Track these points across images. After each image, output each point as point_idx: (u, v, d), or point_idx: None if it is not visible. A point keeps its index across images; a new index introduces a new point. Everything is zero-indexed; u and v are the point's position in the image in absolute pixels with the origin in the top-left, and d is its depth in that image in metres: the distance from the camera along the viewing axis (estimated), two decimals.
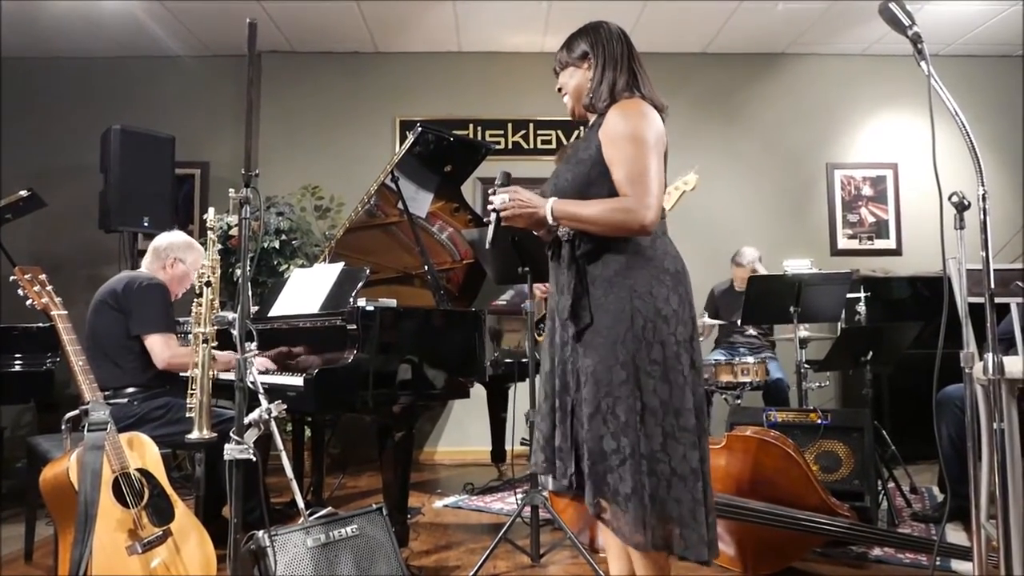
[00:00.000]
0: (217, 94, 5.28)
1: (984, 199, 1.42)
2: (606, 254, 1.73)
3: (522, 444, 3.74)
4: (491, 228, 1.82)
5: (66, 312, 2.14)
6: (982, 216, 1.44)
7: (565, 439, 1.73)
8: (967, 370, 1.66)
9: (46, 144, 5.19)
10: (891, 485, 3.38)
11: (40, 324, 3.46)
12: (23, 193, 4.05)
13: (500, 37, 5.16)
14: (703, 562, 1.64)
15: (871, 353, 3.25)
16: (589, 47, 1.82)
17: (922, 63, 1.54)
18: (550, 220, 1.72)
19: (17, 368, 3.50)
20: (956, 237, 1.67)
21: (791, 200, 5.33)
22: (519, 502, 2.72)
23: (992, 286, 1.43)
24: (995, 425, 1.47)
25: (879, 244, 5.31)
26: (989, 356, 1.48)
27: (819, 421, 3.03)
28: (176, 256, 2.93)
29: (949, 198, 1.67)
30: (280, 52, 5.27)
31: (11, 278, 2.12)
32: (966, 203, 1.65)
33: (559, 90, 1.91)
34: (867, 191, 5.34)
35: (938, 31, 4.94)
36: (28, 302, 2.11)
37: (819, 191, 5.37)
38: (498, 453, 4.22)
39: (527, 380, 2.73)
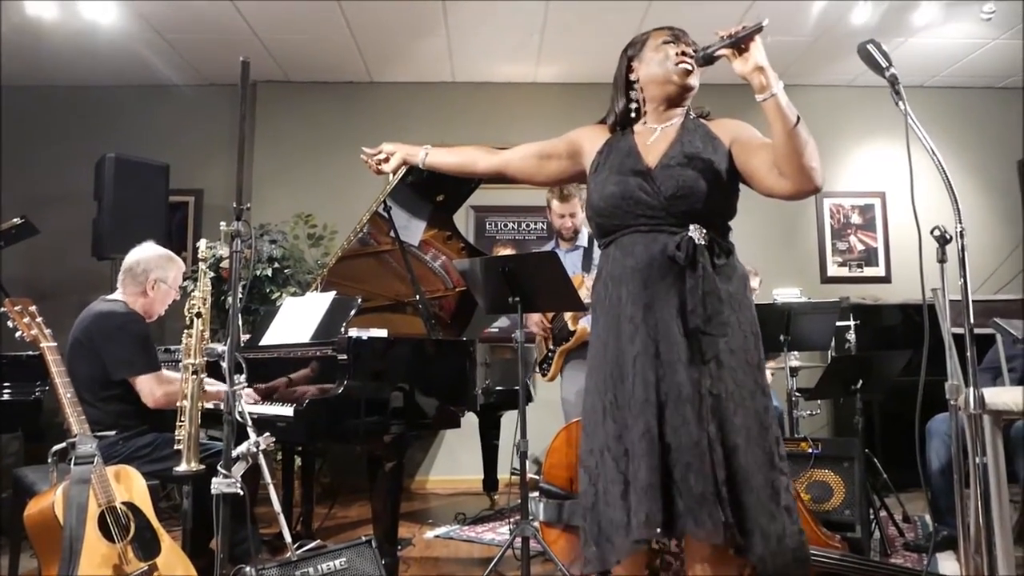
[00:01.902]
0: (212, 122, 5.32)
1: (962, 236, 1.45)
2: (734, 269, 1.66)
3: (512, 474, 3.72)
4: (723, 43, 1.58)
5: (55, 344, 2.14)
6: (960, 254, 1.47)
7: (707, 482, 1.46)
8: (952, 401, 1.68)
9: (41, 172, 5.21)
10: (883, 514, 3.37)
11: (29, 352, 3.44)
12: (16, 220, 4.06)
13: (493, 67, 5.23)
14: None
15: (861, 381, 3.25)
16: None
17: (899, 103, 1.58)
18: (774, 86, 1.51)
19: (6, 397, 3.47)
20: (938, 270, 1.70)
21: (781, 228, 5.37)
22: (511, 533, 2.70)
23: (972, 321, 1.45)
24: (977, 459, 1.48)
25: (868, 272, 5.36)
26: (971, 391, 1.49)
27: (810, 450, 3.03)
28: (156, 277, 2.73)
29: (931, 232, 1.70)
30: (275, 82, 5.33)
31: (0, 310, 2.12)
32: (947, 237, 1.68)
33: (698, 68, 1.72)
34: (856, 219, 5.40)
35: (923, 63, 5.04)
36: (17, 334, 2.11)
37: (808, 219, 5.42)
38: (490, 482, 4.20)
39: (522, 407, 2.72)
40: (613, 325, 1.64)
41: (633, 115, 1.79)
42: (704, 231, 1.61)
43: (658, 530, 1.47)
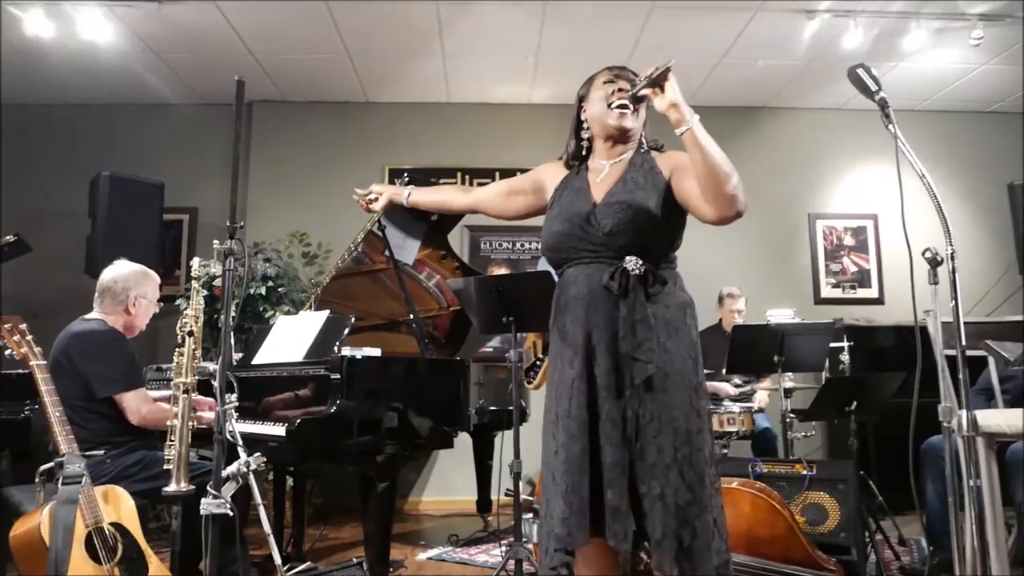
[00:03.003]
0: (207, 141, 5.33)
1: (953, 258, 1.45)
2: (672, 297, 1.73)
3: (506, 495, 3.69)
4: (642, 84, 1.65)
5: (46, 362, 2.13)
6: (952, 276, 1.48)
7: (622, 496, 1.59)
8: (945, 424, 1.68)
9: (35, 189, 5.21)
10: (879, 537, 3.35)
11: (19, 371, 3.41)
12: (9, 238, 4.05)
13: (488, 88, 5.27)
14: None
15: (855, 403, 3.25)
16: None
17: (889, 126, 1.60)
18: (689, 120, 1.59)
19: None
20: (931, 292, 1.70)
21: (774, 250, 5.40)
22: (504, 555, 2.68)
23: (964, 342, 1.45)
24: (971, 482, 1.47)
25: (862, 293, 5.38)
26: (964, 413, 1.49)
27: (805, 472, 3.02)
28: (137, 294, 2.73)
29: (923, 254, 1.70)
30: (271, 101, 5.36)
31: None
32: (939, 259, 1.69)
33: (634, 107, 1.78)
34: (849, 241, 5.43)
35: (914, 88, 5.11)
36: (7, 352, 2.10)
37: (802, 241, 5.45)
38: (484, 503, 4.16)
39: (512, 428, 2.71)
40: (560, 350, 1.77)
41: (585, 152, 1.91)
42: (640, 262, 1.70)
43: (583, 540, 1.60)
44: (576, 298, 1.75)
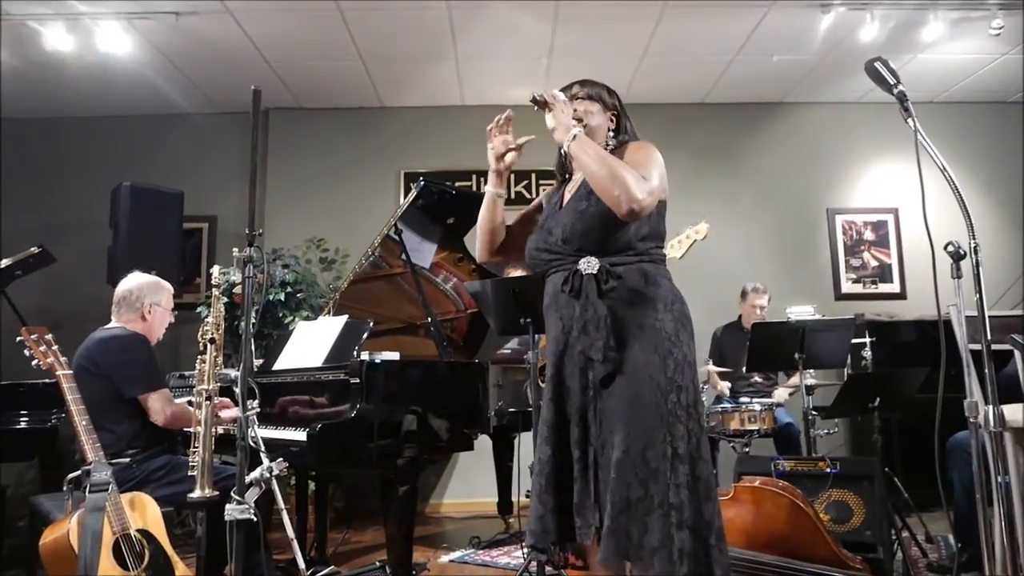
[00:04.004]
0: (225, 149, 5.39)
1: (976, 251, 1.43)
2: (634, 294, 1.73)
3: (527, 497, 3.69)
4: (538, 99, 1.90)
5: (71, 372, 2.16)
6: (975, 270, 1.45)
7: (587, 494, 1.65)
8: (972, 419, 1.65)
9: (58, 201, 5.30)
10: (905, 534, 3.31)
11: (46, 380, 3.47)
12: (34, 250, 4.11)
13: (502, 91, 5.27)
14: None
15: (878, 399, 3.21)
16: (615, 100, 1.96)
17: (908, 120, 1.58)
18: (569, 137, 1.78)
19: (22, 425, 3.49)
20: (954, 286, 1.68)
21: (793, 246, 5.35)
22: (525, 556, 2.68)
23: (989, 337, 1.43)
24: (999, 478, 1.45)
25: (883, 288, 5.31)
26: (990, 409, 1.47)
27: (828, 470, 2.98)
28: (151, 301, 2.79)
29: (945, 248, 1.68)
30: (287, 108, 5.40)
31: (18, 339, 2.14)
32: (962, 253, 1.66)
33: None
34: (869, 235, 5.37)
35: (932, 79, 5.04)
36: (34, 362, 2.13)
37: (821, 236, 5.39)
38: (504, 505, 4.16)
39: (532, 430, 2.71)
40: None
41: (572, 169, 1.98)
42: (595, 261, 1.74)
43: (553, 538, 1.70)
44: (548, 306, 1.83)
